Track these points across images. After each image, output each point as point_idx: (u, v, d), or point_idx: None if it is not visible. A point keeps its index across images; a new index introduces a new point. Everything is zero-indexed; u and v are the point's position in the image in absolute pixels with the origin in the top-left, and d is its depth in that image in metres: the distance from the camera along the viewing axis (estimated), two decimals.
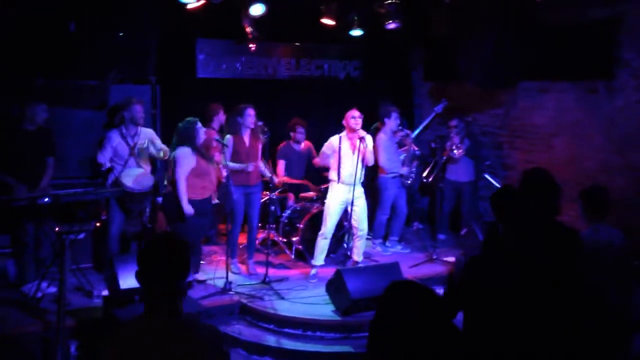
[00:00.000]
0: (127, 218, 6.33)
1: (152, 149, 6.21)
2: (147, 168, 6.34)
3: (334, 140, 6.51)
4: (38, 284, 5.51)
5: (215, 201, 6.53)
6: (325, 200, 6.58)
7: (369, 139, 6.47)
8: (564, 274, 3.21)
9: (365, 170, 6.60)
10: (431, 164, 7.71)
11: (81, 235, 6.14)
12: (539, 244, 3.22)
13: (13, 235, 5.90)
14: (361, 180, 6.49)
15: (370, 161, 6.58)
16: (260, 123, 6.50)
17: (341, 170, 6.42)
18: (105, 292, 5.51)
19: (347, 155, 6.43)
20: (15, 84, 6.15)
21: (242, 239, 7.11)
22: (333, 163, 6.50)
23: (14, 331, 5.05)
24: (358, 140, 6.38)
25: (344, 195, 6.43)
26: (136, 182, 6.09)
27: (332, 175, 6.51)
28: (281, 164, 7.48)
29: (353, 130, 6.39)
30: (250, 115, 6.35)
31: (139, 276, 2.32)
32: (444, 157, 7.56)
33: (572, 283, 3.23)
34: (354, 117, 6.36)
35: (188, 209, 5.84)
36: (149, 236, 6.37)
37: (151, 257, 2.32)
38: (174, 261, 2.31)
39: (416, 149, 7.66)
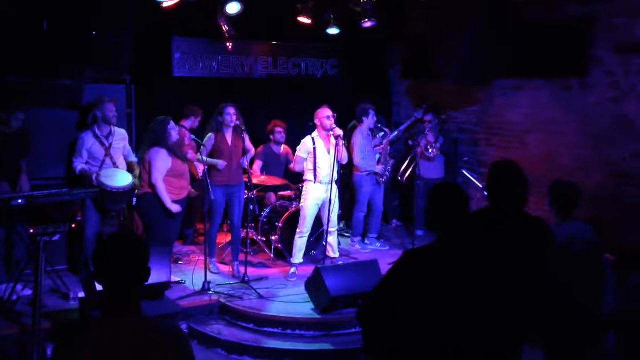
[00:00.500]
0: (104, 219, 6.27)
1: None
2: (123, 168, 6.29)
3: (307, 141, 6.49)
4: (13, 286, 5.42)
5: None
6: (302, 200, 6.58)
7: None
8: (533, 264, 3.23)
9: (339, 167, 6.60)
10: (407, 162, 7.76)
11: (56, 237, 6.09)
12: (508, 236, 3.25)
13: None
14: (336, 179, 6.50)
15: (344, 159, 6.59)
16: (237, 122, 6.47)
17: (317, 170, 6.41)
18: (81, 294, 5.45)
19: (323, 155, 6.42)
20: None
21: (220, 239, 7.08)
22: (308, 164, 6.49)
23: None
24: (333, 139, 6.39)
25: (320, 194, 6.44)
26: (116, 181, 6.02)
27: (309, 175, 6.49)
28: (257, 164, 7.47)
29: (327, 130, 6.38)
30: (229, 114, 6.30)
31: (96, 277, 2.30)
32: (419, 153, 7.63)
33: (540, 273, 3.26)
34: (328, 117, 6.35)
35: (175, 207, 5.88)
36: (103, 237, 6.32)
37: (106, 257, 2.29)
38: (129, 259, 2.28)
39: (388, 158, 7.69)
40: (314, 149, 6.40)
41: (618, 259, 5.14)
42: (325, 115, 6.37)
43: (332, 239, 6.63)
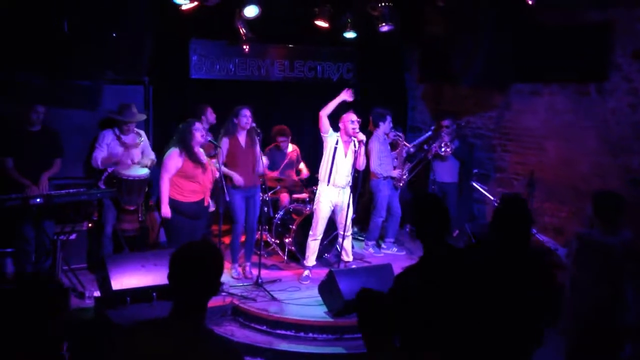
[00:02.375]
0: (123, 215, 6.32)
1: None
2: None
3: (334, 137, 6.44)
4: None
5: (212, 208, 6.46)
6: (315, 203, 6.58)
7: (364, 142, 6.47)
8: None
9: (355, 172, 6.57)
10: (413, 163, 7.79)
11: (73, 236, 6.14)
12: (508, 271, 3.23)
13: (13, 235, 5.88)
14: (350, 184, 6.49)
15: (362, 166, 6.58)
16: (252, 125, 6.47)
17: (332, 173, 6.40)
18: (97, 293, 5.49)
19: (340, 158, 6.40)
20: (8, 83, 6.15)
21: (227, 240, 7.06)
22: (324, 164, 6.49)
23: None
24: (353, 144, 6.38)
25: (333, 197, 6.43)
26: (133, 171, 6.19)
27: (322, 177, 6.49)
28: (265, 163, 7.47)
29: (350, 135, 6.37)
30: (245, 116, 6.28)
31: (171, 280, 2.30)
32: (431, 156, 7.64)
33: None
34: (352, 122, 6.33)
35: (165, 210, 5.79)
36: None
37: (181, 263, 2.30)
38: (204, 269, 2.30)
39: (409, 146, 7.72)
40: (335, 149, 6.39)
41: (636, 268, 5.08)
42: (350, 119, 6.34)
43: (347, 243, 6.63)
